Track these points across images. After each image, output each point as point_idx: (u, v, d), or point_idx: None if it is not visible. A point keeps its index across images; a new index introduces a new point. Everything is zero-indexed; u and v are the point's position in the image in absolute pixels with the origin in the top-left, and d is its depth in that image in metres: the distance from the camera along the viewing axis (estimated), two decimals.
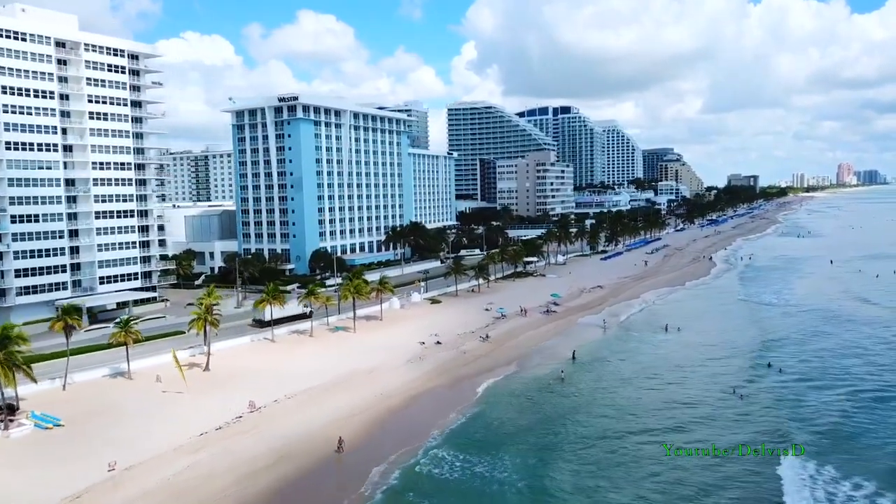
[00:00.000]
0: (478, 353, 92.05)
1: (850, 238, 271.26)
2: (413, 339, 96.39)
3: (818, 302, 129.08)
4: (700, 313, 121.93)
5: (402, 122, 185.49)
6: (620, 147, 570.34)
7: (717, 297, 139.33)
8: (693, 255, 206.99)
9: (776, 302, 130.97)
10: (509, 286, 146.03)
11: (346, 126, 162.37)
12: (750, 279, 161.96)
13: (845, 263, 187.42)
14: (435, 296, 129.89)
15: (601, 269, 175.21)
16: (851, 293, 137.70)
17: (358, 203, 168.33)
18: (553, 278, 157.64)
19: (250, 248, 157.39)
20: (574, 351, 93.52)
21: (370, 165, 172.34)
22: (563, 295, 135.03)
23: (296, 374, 79.29)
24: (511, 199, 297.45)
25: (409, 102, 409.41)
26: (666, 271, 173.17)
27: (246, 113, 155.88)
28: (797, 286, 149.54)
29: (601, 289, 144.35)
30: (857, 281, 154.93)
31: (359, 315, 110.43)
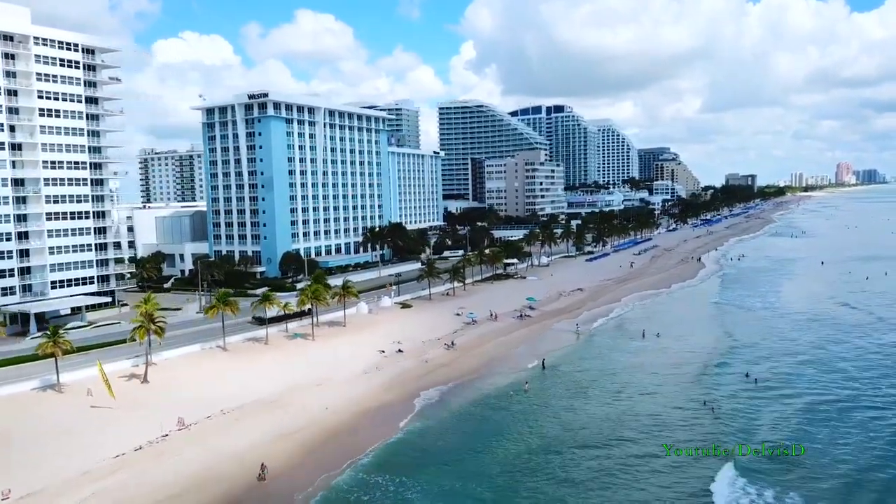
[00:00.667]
0: (440, 363, 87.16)
1: (845, 238, 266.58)
2: (374, 348, 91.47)
3: (802, 306, 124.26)
4: (681, 318, 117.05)
5: (381, 120, 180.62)
6: (616, 146, 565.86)
7: (700, 300, 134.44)
8: (682, 257, 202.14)
9: (760, 306, 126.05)
10: (487, 289, 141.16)
11: (321, 124, 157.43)
12: (737, 282, 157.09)
13: (836, 265, 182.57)
14: (407, 300, 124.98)
15: (585, 270, 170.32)
16: (837, 297, 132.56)
17: (334, 203, 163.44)
18: (533, 280, 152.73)
19: (221, 250, 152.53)
20: (543, 359, 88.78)
21: (347, 164, 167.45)
22: (541, 298, 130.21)
23: (239, 386, 74.42)
24: (500, 199, 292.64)
25: (399, 101, 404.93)
26: (651, 273, 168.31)
27: (216, 111, 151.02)
28: (784, 289, 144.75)
29: (581, 292, 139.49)
30: (845, 283, 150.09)
31: (323, 321, 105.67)
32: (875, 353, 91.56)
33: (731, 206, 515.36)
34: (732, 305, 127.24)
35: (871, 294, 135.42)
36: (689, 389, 76.73)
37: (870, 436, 62.26)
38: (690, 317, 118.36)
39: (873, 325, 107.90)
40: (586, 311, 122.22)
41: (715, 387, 77.52)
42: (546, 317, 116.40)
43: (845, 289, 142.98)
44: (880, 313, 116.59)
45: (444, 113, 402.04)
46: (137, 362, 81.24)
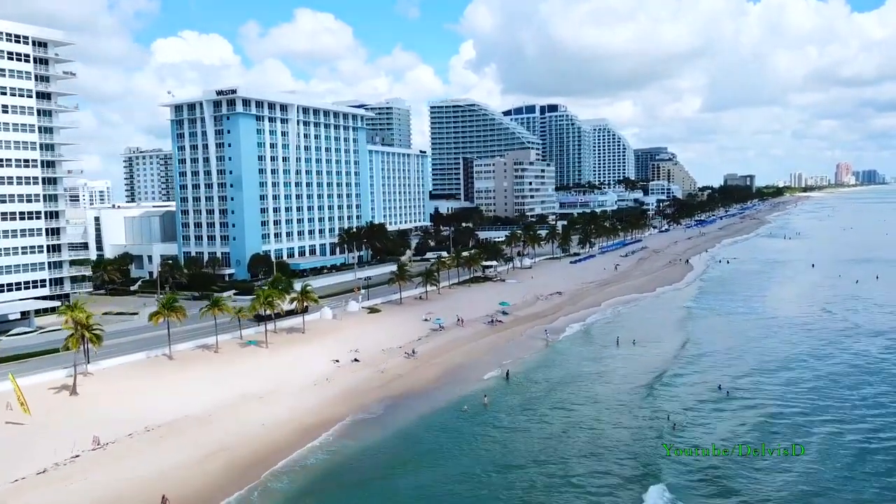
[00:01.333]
0: (397, 373, 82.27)
1: (839, 239, 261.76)
2: (330, 357, 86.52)
3: (786, 312, 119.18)
4: (660, 324, 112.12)
5: (360, 118, 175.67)
6: (611, 146, 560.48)
7: (683, 305, 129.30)
8: (670, 259, 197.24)
9: (742, 312, 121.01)
10: (462, 293, 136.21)
11: (294, 122, 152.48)
12: (722, 286, 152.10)
13: (828, 267, 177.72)
14: (376, 304, 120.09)
15: (568, 273, 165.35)
16: (823, 303, 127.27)
17: (308, 203, 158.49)
18: (512, 284, 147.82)
19: (190, 252, 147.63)
20: (507, 370, 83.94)
21: (323, 163, 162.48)
22: (517, 302, 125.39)
23: (174, 399, 69.49)
24: (489, 200, 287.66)
25: (390, 100, 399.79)
26: (636, 276, 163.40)
27: (185, 107, 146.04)
28: (770, 293, 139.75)
29: (559, 295, 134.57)
30: (833, 288, 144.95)
31: (282, 327, 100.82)
32: (849, 363, 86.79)
33: (727, 207, 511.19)
34: (713, 312, 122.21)
35: (859, 300, 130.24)
36: (653, 402, 71.90)
37: (825, 458, 57.51)
38: (669, 323, 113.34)
39: (853, 333, 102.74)
40: (562, 316, 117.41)
41: (679, 398, 72.82)
42: (519, 322, 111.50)
43: (832, 294, 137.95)
44: (862, 321, 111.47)
45: (435, 112, 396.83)
46: (72, 373, 76.36)
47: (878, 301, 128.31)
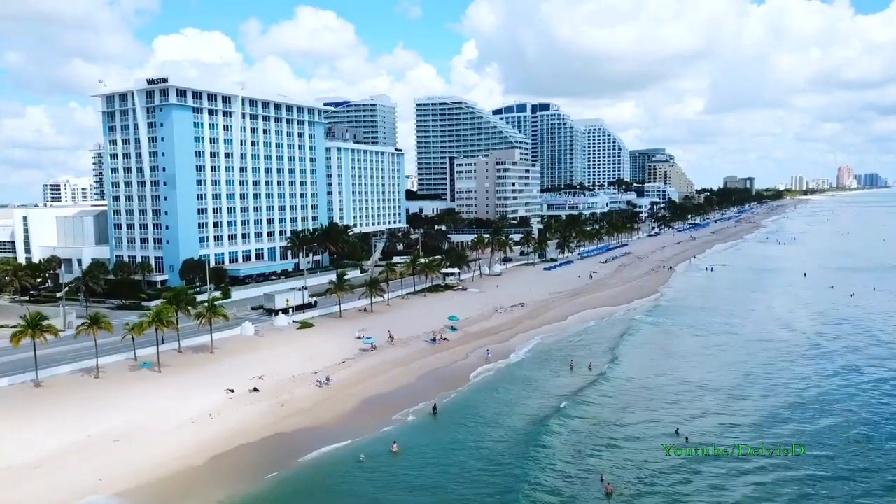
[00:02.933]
0: (299, 407, 69.65)
1: (836, 245, 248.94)
2: (228, 385, 73.98)
3: (772, 333, 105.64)
4: (624, 345, 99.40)
5: (315, 111, 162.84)
6: (606, 147, 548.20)
7: (657, 321, 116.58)
8: (653, 265, 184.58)
9: (723, 330, 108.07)
10: (414, 305, 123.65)
11: (238, 114, 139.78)
12: (705, 297, 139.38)
13: (821, 276, 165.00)
14: (310, 318, 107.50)
15: (539, 281, 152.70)
16: (811, 320, 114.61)
17: (255, 203, 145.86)
18: (474, 293, 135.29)
19: (123, 255, 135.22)
20: (435, 404, 71.31)
21: (272, 160, 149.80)
22: (472, 315, 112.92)
23: (23, 438, 57.13)
24: (470, 201, 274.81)
25: (375, 97, 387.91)
26: (612, 285, 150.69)
27: (116, 98, 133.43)
28: (756, 308, 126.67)
29: (522, 308, 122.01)
30: (824, 301, 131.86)
31: (189, 346, 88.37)
32: (834, 399, 73.93)
33: (724, 210, 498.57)
34: (688, 329, 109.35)
35: (852, 316, 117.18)
36: (596, 448, 59.30)
37: None
38: (639, 344, 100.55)
39: (847, 361, 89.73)
40: (520, 332, 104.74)
41: (629, 446, 60.16)
42: (467, 340, 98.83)
43: (822, 308, 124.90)
44: (860, 343, 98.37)
45: (421, 109, 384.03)
46: None
47: (876, 322, 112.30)
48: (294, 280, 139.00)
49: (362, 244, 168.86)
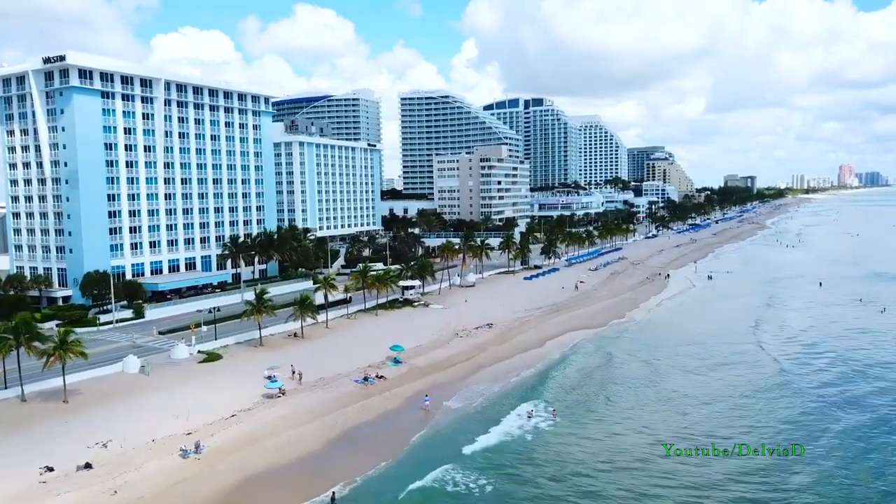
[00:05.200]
0: (137, 495, 49.31)
1: (847, 249, 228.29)
2: (51, 456, 53.70)
3: (800, 373, 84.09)
4: (605, 380, 79.07)
5: (261, 99, 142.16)
6: (602, 144, 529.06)
7: (638, 348, 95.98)
8: (648, 273, 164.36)
9: (731, 362, 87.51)
10: (360, 326, 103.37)
11: (161, 101, 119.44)
12: (704, 314, 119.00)
13: (840, 286, 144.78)
14: (222, 346, 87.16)
15: (516, 293, 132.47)
16: (855, 352, 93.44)
17: (184, 205, 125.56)
18: (436, 310, 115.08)
19: (24, 266, 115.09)
20: (334, 492, 50.81)
21: (206, 155, 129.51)
22: (425, 342, 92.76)
23: None
24: (452, 201, 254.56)
25: (357, 91, 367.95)
26: (599, 298, 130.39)
27: (13, 81, 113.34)
28: (769, 329, 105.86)
29: (489, 329, 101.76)
30: (859, 320, 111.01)
31: (41, 391, 68.28)
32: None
33: (725, 209, 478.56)
34: (679, 362, 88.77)
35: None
36: None
37: None
38: (621, 381, 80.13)
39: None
40: (484, 367, 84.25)
41: None
42: (410, 378, 78.50)
43: (863, 331, 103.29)
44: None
45: (406, 104, 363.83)
46: None
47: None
48: (227, 294, 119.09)
49: (318, 250, 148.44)
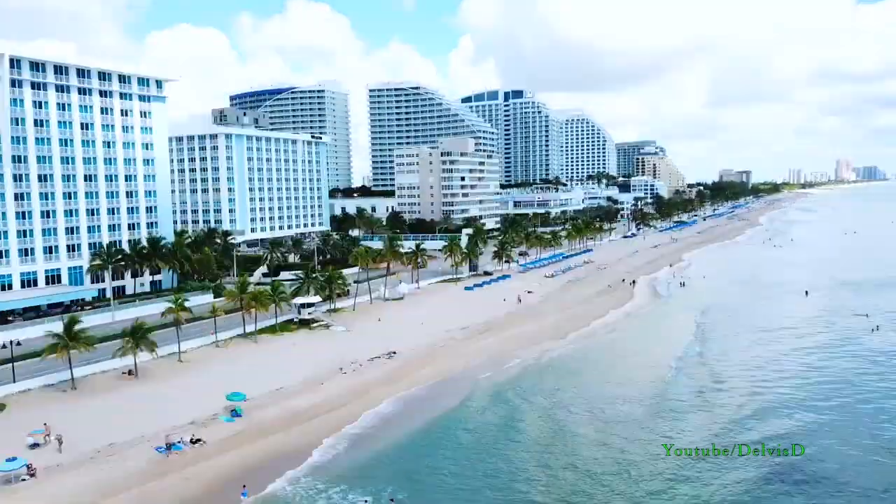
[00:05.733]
0: None
1: (842, 249, 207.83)
2: None
3: (771, 422, 64.46)
4: (474, 458, 58.87)
5: (151, 81, 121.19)
6: (588, 139, 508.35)
7: (555, 403, 75.80)
8: (613, 279, 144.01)
9: (690, 412, 67.16)
10: (230, 355, 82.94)
11: (6, 81, 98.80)
12: (661, 339, 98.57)
13: (830, 295, 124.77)
14: (20, 392, 66.63)
15: (450, 308, 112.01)
16: (844, 389, 73.34)
17: (43, 207, 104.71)
18: (337, 333, 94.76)
19: None
20: None
21: (74, 147, 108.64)
22: (295, 382, 72.79)
23: None
24: (412, 198, 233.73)
25: (323, 83, 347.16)
26: (542, 315, 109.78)
27: None
28: (739, 358, 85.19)
29: (388, 361, 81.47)
30: (851, 342, 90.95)
31: None
32: None
33: (717, 205, 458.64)
34: (633, 414, 68.48)
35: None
36: None
37: None
38: (535, 433, 59.95)
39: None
40: (348, 422, 63.78)
41: None
42: (240, 442, 58.06)
43: (857, 359, 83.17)
44: None
45: (375, 96, 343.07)
46: None
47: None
48: (96, 313, 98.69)
49: (223, 257, 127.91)
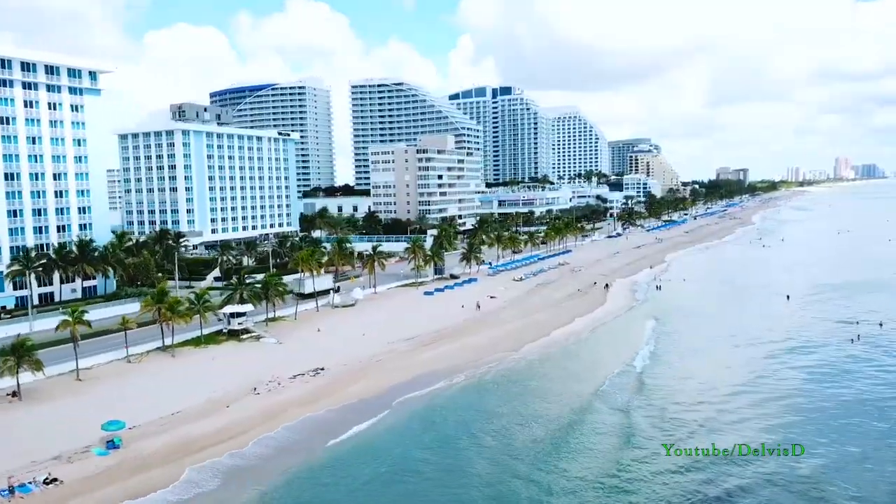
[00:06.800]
0: None
1: (833, 249, 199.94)
2: None
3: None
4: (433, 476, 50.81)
5: (83, 73, 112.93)
6: (580, 137, 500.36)
7: (511, 410, 67.77)
8: (586, 282, 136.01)
9: (636, 436, 59.11)
10: (144, 371, 74.77)
11: None
12: (617, 351, 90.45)
13: (811, 300, 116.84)
14: None
15: (403, 315, 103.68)
16: (794, 405, 65.52)
17: None
18: (268, 345, 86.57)
19: None
20: None
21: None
22: (197, 403, 64.71)
23: None
24: (388, 197, 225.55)
25: (304, 79, 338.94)
26: (501, 322, 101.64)
27: None
28: (680, 375, 77.15)
29: (313, 378, 73.32)
30: (823, 353, 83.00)
31: None
32: None
33: (711, 203, 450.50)
34: (583, 439, 60.46)
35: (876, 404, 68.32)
36: None
37: None
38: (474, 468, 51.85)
39: None
40: (238, 457, 55.83)
41: None
42: (106, 481, 50.16)
43: (832, 376, 75.32)
44: None
45: (357, 93, 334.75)
46: None
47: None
48: (14, 323, 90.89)
49: (163, 260, 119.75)
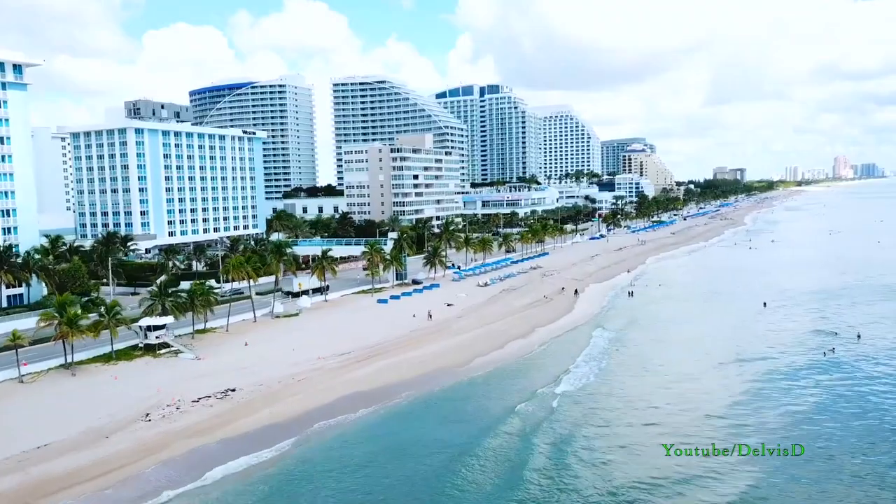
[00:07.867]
0: None
1: (821, 251, 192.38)
2: None
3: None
4: None
5: (7, 66, 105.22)
6: (572, 136, 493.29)
7: (430, 445, 60.10)
8: (555, 287, 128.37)
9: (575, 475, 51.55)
10: (30, 394, 67.13)
11: None
12: (562, 364, 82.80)
13: (790, 307, 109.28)
14: None
15: (349, 325, 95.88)
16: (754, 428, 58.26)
17: None
18: (184, 362, 78.84)
19: None
20: None
21: None
22: (59, 440, 56.97)
23: None
24: (362, 198, 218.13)
25: (285, 77, 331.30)
26: (452, 333, 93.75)
27: None
28: (623, 393, 69.72)
29: (219, 401, 65.55)
30: (788, 368, 75.41)
31: None
32: None
33: (704, 203, 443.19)
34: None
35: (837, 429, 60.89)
36: None
37: None
38: None
39: None
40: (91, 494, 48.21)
41: None
42: None
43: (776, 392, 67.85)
44: None
45: (339, 91, 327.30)
46: None
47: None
48: None
49: (98, 266, 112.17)
